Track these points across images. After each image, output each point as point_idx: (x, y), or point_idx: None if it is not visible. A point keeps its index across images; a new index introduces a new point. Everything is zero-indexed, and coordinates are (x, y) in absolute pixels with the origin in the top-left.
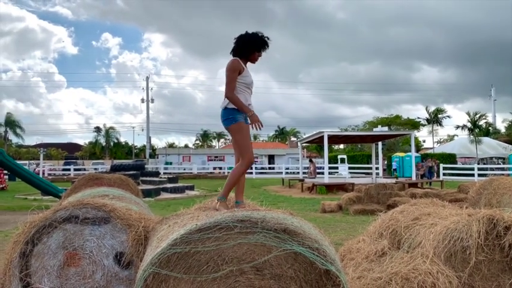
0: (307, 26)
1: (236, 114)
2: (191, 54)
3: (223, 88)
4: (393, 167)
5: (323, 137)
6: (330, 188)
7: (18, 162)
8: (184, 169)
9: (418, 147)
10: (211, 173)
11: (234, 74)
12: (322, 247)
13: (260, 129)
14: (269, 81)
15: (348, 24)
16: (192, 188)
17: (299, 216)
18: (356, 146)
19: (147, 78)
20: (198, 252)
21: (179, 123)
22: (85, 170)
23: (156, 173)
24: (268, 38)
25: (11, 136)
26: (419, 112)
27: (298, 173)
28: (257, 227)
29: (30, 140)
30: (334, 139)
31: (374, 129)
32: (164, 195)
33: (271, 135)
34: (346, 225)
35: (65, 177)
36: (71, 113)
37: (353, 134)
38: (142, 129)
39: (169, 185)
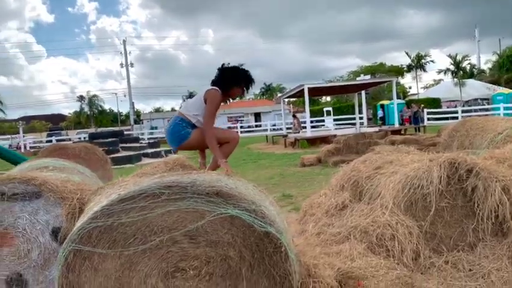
0: None
1: (186, 128)
2: (171, 14)
3: (207, 48)
4: (380, 115)
5: (303, 90)
6: (313, 142)
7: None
8: None
9: (404, 94)
10: None
11: (216, 109)
12: (260, 208)
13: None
14: (253, 37)
15: None
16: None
17: (238, 176)
18: (342, 97)
19: (124, 42)
20: (123, 225)
21: (166, 86)
22: (69, 140)
23: (136, 139)
24: (248, 72)
25: None
26: (405, 59)
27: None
28: (187, 192)
29: (15, 114)
30: (316, 91)
31: (357, 79)
32: (146, 161)
33: (258, 93)
34: (323, 178)
35: None
36: (55, 83)
37: (334, 85)
38: (125, 95)
39: (149, 150)
